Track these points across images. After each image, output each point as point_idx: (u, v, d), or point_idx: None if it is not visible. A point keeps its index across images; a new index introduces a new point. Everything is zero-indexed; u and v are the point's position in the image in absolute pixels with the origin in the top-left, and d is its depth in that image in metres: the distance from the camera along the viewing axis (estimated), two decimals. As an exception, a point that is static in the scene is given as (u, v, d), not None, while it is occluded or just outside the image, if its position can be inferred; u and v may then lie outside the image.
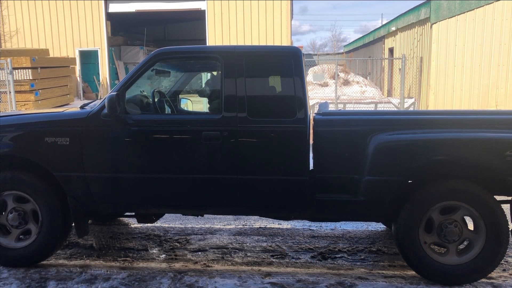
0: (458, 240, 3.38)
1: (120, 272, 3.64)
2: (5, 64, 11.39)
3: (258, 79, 3.66)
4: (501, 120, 3.47)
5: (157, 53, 3.68)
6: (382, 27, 21.32)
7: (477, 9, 13.22)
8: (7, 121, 3.73)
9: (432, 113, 4.58)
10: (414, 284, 3.42)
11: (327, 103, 4.75)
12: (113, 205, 3.71)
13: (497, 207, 3.30)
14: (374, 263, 3.94)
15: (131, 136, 3.56)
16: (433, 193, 3.34)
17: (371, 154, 3.32)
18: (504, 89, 13.30)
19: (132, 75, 3.63)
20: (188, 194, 3.58)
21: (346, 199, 3.45)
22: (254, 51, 3.68)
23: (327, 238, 4.57)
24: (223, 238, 4.56)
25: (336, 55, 34.02)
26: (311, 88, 15.85)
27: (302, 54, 3.60)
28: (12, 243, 3.73)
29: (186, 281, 3.46)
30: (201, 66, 4.78)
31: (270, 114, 3.51)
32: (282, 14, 17.12)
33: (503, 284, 3.44)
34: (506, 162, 3.19)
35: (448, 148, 3.28)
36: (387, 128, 3.41)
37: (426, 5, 14.02)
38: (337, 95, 13.57)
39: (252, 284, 3.43)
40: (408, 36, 16.38)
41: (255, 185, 3.51)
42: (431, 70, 13.51)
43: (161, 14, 19.73)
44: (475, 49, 13.32)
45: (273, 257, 4.08)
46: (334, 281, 3.45)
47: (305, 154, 3.45)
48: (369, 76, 21.37)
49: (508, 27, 13.11)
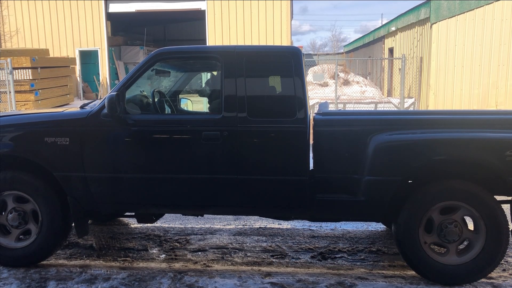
0: (458, 240, 3.38)
1: (120, 272, 3.64)
2: (5, 64, 11.39)
3: (258, 79, 3.66)
4: (501, 120, 3.47)
5: (157, 53, 3.68)
6: (382, 27, 21.32)
7: (477, 9, 13.22)
8: (7, 121, 3.73)
9: (432, 113, 4.58)
10: (414, 284, 3.42)
11: (327, 103, 4.75)
12: (113, 205, 3.71)
13: (497, 207, 3.30)
14: (374, 263, 3.94)
15: (131, 136, 3.56)
16: (433, 193, 3.34)
17: (371, 154, 3.32)
18: (504, 89, 13.30)
19: (132, 75, 3.63)
20: (188, 194, 3.58)
21: (346, 199, 3.45)
22: (254, 51, 3.68)
23: (327, 238, 4.57)
24: (223, 238, 4.56)
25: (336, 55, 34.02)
26: (311, 88, 15.85)
27: (302, 54, 3.60)
28: (12, 243, 3.73)
29: (186, 281, 3.46)
30: (201, 66, 4.78)
31: (270, 114, 3.51)
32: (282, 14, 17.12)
33: (503, 284, 3.44)
34: (506, 162, 3.19)
35: (448, 148, 3.28)
36: (387, 128, 3.40)
37: (426, 5, 14.02)
38: (337, 95, 13.57)
39: (252, 284, 3.43)
40: (408, 36, 16.38)
41: (255, 185, 3.51)
42: (431, 70, 13.51)
43: (161, 14, 19.72)
44: (475, 49, 13.31)
45: (273, 257, 4.08)
46: (334, 281, 3.45)
47: (305, 154, 3.45)
48: (369, 76, 21.37)
49: (508, 27, 13.11)
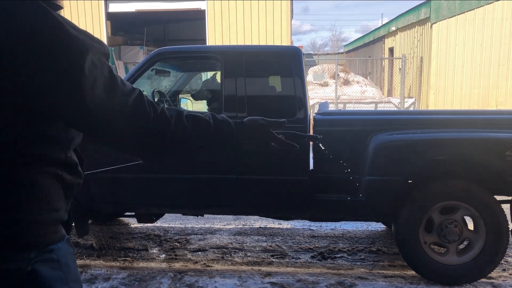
0: (458, 240, 3.37)
1: (120, 272, 3.64)
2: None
3: (258, 79, 3.66)
4: (501, 120, 3.47)
5: (157, 53, 3.68)
6: (382, 27, 21.32)
7: (477, 9, 13.22)
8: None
9: (432, 113, 4.58)
10: (414, 284, 3.42)
11: (327, 103, 4.75)
12: (113, 205, 3.72)
13: (497, 207, 3.30)
14: (374, 263, 3.94)
15: (131, 136, 3.56)
16: (433, 193, 3.34)
17: (371, 154, 3.32)
18: (504, 89, 13.29)
19: (132, 75, 3.63)
20: (188, 194, 3.58)
21: (346, 199, 3.44)
22: (254, 51, 3.68)
23: (327, 238, 4.57)
24: (223, 238, 4.56)
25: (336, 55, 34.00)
26: (311, 88, 15.85)
27: (302, 54, 3.60)
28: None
29: (186, 281, 3.46)
30: (201, 66, 4.78)
31: (270, 114, 3.49)
32: (282, 14, 17.10)
33: (503, 284, 3.43)
34: (506, 162, 3.19)
35: (448, 148, 3.28)
36: (387, 128, 3.40)
37: (426, 5, 14.02)
38: (337, 95, 13.57)
39: (252, 284, 3.42)
40: (408, 36, 16.38)
41: (255, 185, 3.51)
42: (431, 70, 13.51)
43: (161, 14, 19.71)
44: (475, 49, 13.30)
45: (273, 257, 4.08)
46: (334, 281, 3.45)
47: (305, 154, 3.45)
48: (369, 76, 21.37)
49: (508, 26, 13.10)
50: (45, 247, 1.03)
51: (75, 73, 0.97)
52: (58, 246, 1.07)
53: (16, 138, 0.98)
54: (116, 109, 1.04)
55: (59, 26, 0.97)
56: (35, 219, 1.02)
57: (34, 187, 1.01)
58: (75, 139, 1.10)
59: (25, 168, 0.99)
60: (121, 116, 1.05)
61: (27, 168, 1.00)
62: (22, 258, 0.99)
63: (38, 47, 0.94)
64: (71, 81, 0.97)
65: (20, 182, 0.99)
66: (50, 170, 1.04)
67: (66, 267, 1.07)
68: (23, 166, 0.99)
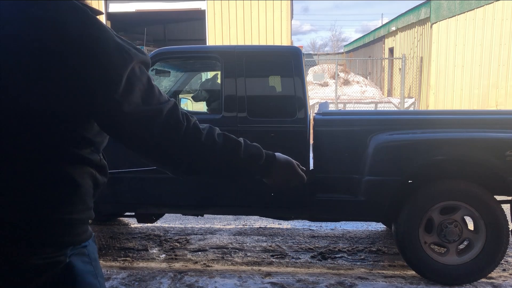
0: (458, 240, 3.37)
1: (120, 272, 3.64)
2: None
3: (258, 79, 3.66)
4: (501, 120, 3.47)
5: (157, 53, 3.68)
6: (382, 27, 21.31)
7: (477, 9, 13.21)
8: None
9: (432, 113, 4.59)
10: (414, 284, 3.42)
11: (327, 103, 4.75)
12: (113, 205, 3.71)
13: (497, 207, 3.30)
14: (374, 263, 3.94)
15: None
16: (433, 193, 3.34)
17: (371, 154, 3.32)
18: (504, 89, 13.29)
19: (132, 75, 3.62)
20: (188, 194, 3.58)
21: (346, 199, 3.44)
22: (254, 51, 3.68)
23: (327, 238, 4.57)
24: (223, 238, 4.56)
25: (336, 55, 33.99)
26: (311, 88, 15.85)
27: (302, 54, 3.60)
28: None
29: (186, 281, 3.46)
30: (201, 66, 4.78)
31: (270, 114, 3.51)
32: (282, 14, 17.09)
33: (503, 284, 3.43)
34: (506, 162, 3.19)
35: (448, 148, 3.28)
36: (387, 128, 3.40)
37: (426, 5, 14.02)
38: (337, 95, 13.57)
39: (252, 284, 3.42)
40: (408, 36, 16.37)
41: (255, 185, 3.51)
42: (431, 70, 13.50)
43: (161, 14, 19.70)
44: (475, 49, 13.30)
45: (273, 257, 4.08)
46: (334, 281, 3.45)
47: (305, 154, 3.45)
48: (369, 76, 21.36)
49: (508, 27, 13.10)
50: (79, 243, 1.11)
51: (117, 79, 1.02)
52: (89, 242, 1.15)
53: (61, 140, 1.04)
54: (150, 116, 1.08)
55: (105, 33, 1.03)
56: (75, 219, 1.08)
57: (76, 187, 1.07)
58: (104, 143, 1.17)
59: (69, 168, 1.06)
60: (155, 124, 1.09)
61: (72, 169, 1.06)
62: (61, 254, 1.06)
63: (85, 53, 1.00)
64: (111, 86, 1.02)
65: (64, 182, 1.05)
66: (88, 171, 1.11)
67: (95, 262, 1.15)
68: (67, 166, 1.05)
